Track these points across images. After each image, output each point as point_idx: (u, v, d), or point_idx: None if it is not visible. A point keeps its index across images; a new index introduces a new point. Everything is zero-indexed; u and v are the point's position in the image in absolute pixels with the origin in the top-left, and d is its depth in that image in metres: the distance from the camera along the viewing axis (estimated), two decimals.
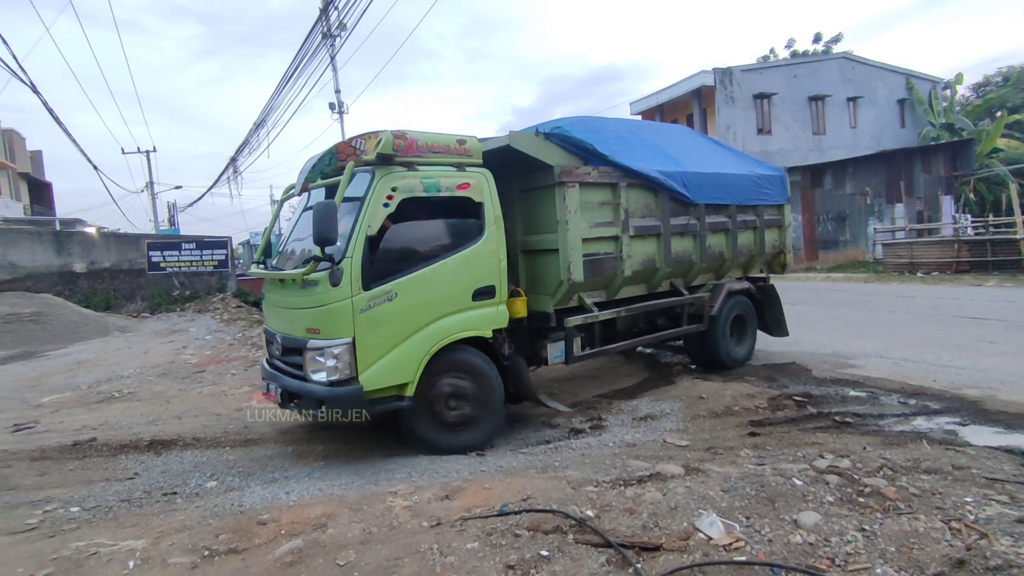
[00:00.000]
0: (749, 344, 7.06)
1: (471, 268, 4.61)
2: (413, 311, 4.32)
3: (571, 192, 5.04)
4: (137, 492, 4.15)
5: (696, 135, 8.19)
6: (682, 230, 6.04)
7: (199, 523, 3.41)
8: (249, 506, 3.64)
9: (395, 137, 4.36)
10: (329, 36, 25.95)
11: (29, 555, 3.19)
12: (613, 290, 5.66)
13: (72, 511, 3.88)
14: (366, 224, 4.18)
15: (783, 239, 7.23)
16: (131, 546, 3.18)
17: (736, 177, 6.61)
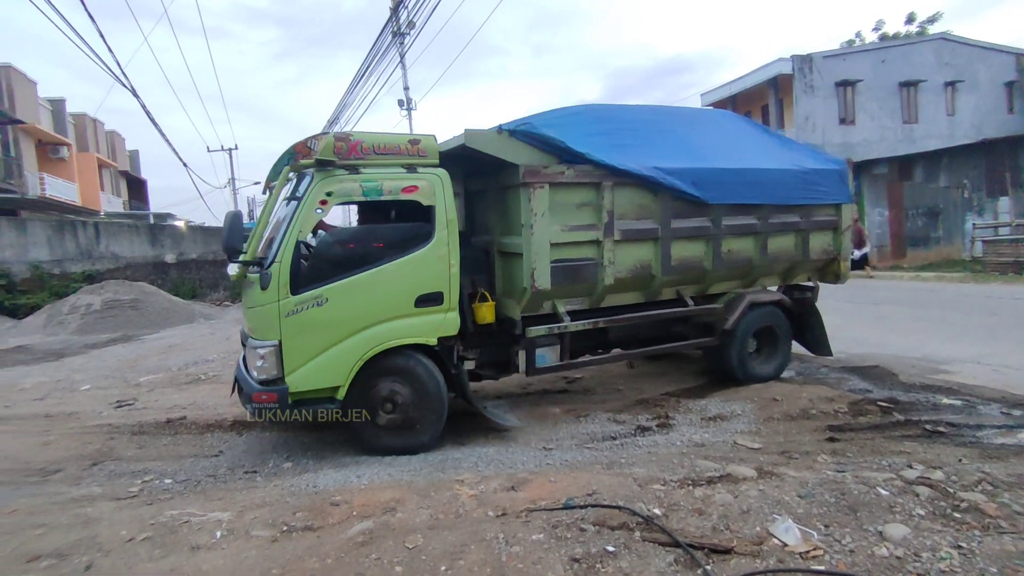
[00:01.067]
0: (779, 361, 6.15)
1: (415, 273, 4.45)
2: (345, 316, 4.26)
3: (538, 193, 4.68)
4: (222, 468, 4.42)
5: (740, 122, 6.88)
6: (691, 233, 5.36)
7: (278, 500, 3.60)
8: (323, 487, 3.80)
9: (336, 140, 4.34)
10: (399, 35, 26.60)
11: (131, 519, 3.47)
12: (596, 298, 5.18)
13: (166, 482, 4.20)
14: (297, 229, 4.16)
15: (838, 243, 6.21)
16: (218, 517, 3.40)
17: (774, 173, 5.69)
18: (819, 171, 5.99)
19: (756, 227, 5.65)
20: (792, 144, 6.81)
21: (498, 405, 5.57)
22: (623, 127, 5.45)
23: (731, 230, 5.53)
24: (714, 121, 6.80)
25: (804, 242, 5.99)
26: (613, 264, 5.04)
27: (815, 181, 5.90)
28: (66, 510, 3.70)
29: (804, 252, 6.01)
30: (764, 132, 6.84)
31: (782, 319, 6.10)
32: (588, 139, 5.05)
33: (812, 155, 6.43)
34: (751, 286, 6.01)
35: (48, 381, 7.95)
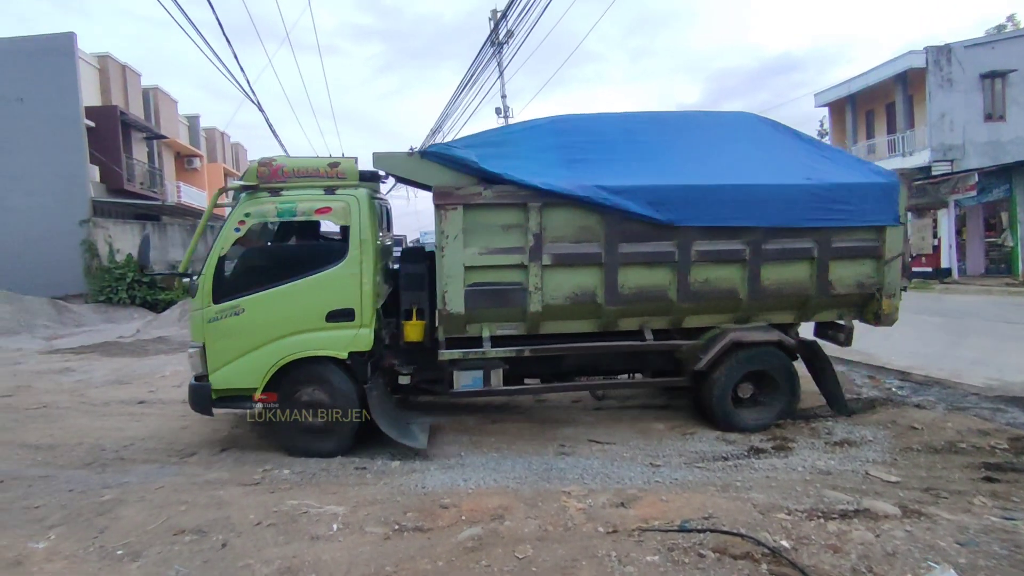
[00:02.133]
0: (772, 411, 5.13)
1: (326, 290, 4.63)
2: (259, 326, 4.61)
3: (450, 215, 4.57)
4: (335, 463, 4.61)
5: (758, 128, 5.56)
6: (647, 259, 4.78)
7: (388, 499, 3.70)
8: (431, 488, 3.86)
9: (260, 165, 4.70)
10: (497, 45, 27.09)
11: (257, 505, 3.70)
12: (530, 325, 4.85)
13: (284, 472, 4.45)
14: (220, 245, 4.64)
15: (882, 275, 5.01)
16: (334, 511, 3.54)
17: (771, 189, 4.79)
18: (846, 187, 4.88)
19: (742, 254, 4.83)
20: (832, 155, 5.53)
21: (422, 424, 5.15)
22: (586, 140, 5.10)
23: (706, 256, 4.81)
24: (719, 127, 5.56)
25: (820, 273, 4.94)
26: (541, 290, 4.70)
27: (838, 199, 4.85)
28: (203, 491, 4.02)
29: (821, 285, 4.96)
30: (791, 140, 5.48)
31: (781, 362, 5.12)
32: (536, 155, 4.85)
33: (853, 168, 5.24)
34: (746, 321, 5.12)
35: (183, 370, 8.77)
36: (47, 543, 3.37)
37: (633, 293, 4.81)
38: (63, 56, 18.12)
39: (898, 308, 5.18)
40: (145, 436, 5.50)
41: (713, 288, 4.90)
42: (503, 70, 22.68)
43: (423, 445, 4.70)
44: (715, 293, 4.91)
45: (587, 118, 5.47)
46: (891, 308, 5.10)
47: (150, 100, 23.80)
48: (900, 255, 5.03)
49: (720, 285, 4.91)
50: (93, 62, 20.41)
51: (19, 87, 17.77)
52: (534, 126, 5.24)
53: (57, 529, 3.54)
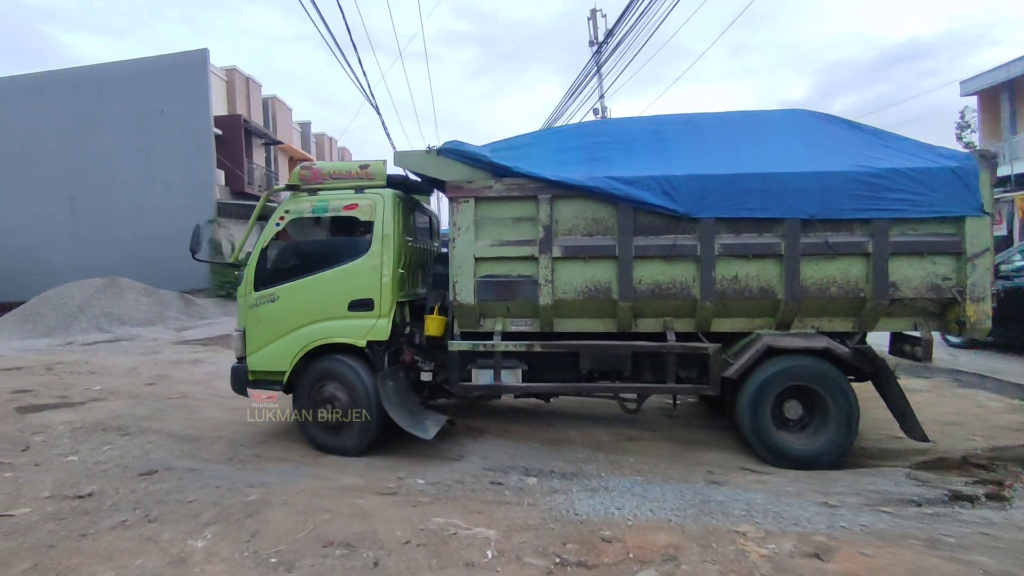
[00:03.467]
0: (826, 438, 4.43)
1: (350, 280, 4.96)
2: (290, 312, 5.03)
3: (462, 207, 4.70)
4: (468, 476, 4.43)
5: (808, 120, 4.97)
6: (664, 253, 4.47)
7: (541, 524, 3.42)
8: (585, 516, 3.54)
9: (302, 169, 5.27)
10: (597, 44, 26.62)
11: (401, 520, 3.55)
12: (544, 320, 4.72)
13: (419, 482, 4.30)
14: (262, 239, 5.17)
15: (963, 276, 4.24)
16: (485, 534, 3.31)
17: (807, 177, 4.31)
18: (901, 172, 4.25)
19: (776, 248, 4.36)
20: (897, 144, 4.64)
21: (436, 419, 5.08)
22: (611, 141, 4.97)
23: (732, 251, 4.41)
24: (762, 124, 5.00)
25: (877, 271, 4.29)
26: (551, 283, 4.60)
27: (891, 186, 4.23)
28: (343, 499, 3.94)
29: (879, 287, 4.29)
30: (846, 131, 4.78)
31: (833, 377, 4.41)
32: (558, 155, 4.84)
33: (917, 155, 4.45)
34: (788, 327, 4.51)
35: None
36: (204, 542, 3.38)
37: (650, 289, 4.54)
38: (197, 71, 19.71)
39: (989, 315, 4.30)
40: (277, 433, 5.60)
41: (743, 287, 4.44)
42: (600, 67, 22.26)
43: (429, 436, 4.77)
44: (746, 292, 4.45)
45: (616, 121, 5.46)
46: (979, 315, 4.24)
47: (269, 108, 25.45)
48: (987, 251, 4.22)
49: (752, 283, 4.43)
50: (222, 75, 22.09)
51: (161, 100, 19.53)
52: (562, 130, 5.27)
53: (212, 528, 3.57)
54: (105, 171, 19.39)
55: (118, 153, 19.48)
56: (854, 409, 4.39)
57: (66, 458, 5.11)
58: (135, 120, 19.75)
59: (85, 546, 3.41)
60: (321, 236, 5.50)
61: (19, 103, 20.48)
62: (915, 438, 4.45)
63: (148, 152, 19.19)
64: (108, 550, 3.33)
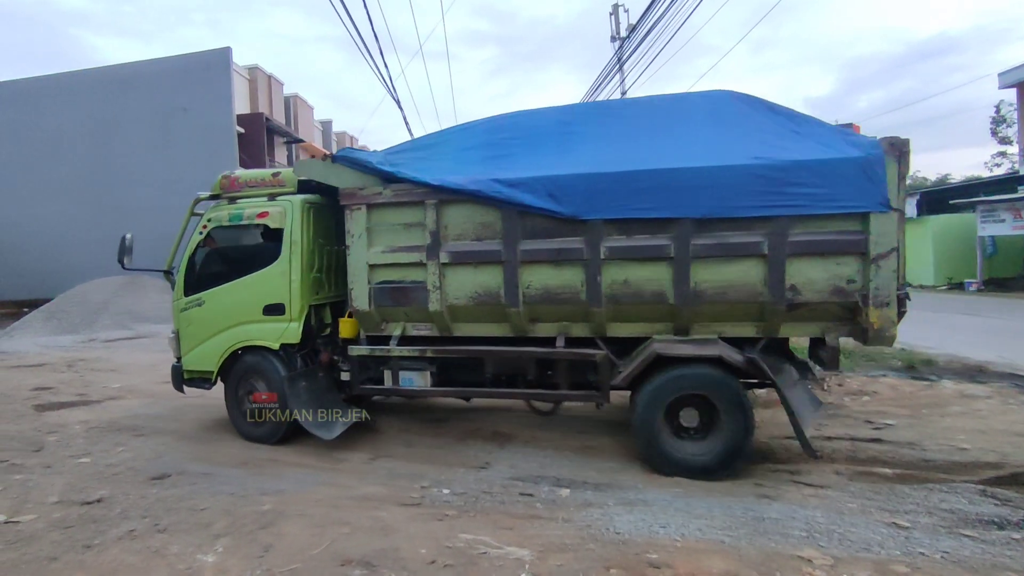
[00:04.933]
0: (719, 447, 4.12)
1: (263, 286, 5.12)
2: (215, 316, 5.29)
3: (355, 215, 4.71)
4: (495, 486, 4.12)
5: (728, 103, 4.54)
6: (552, 257, 4.27)
7: (579, 544, 3.10)
8: (625, 535, 3.21)
9: (223, 178, 5.44)
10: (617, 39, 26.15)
11: (426, 536, 3.26)
12: (441, 325, 4.71)
13: (444, 492, 4.02)
14: (189, 248, 5.44)
15: (868, 278, 3.82)
16: (516, 554, 3.01)
17: (703, 173, 3.96)
18: (804, 165, 3.83)
19: (666, 250, 4.05)
20: (812, 131, 4.17)
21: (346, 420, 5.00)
22: (515, 136, 4.76)
23: (619, 254, 4.15)
24: (680, 110, 4.66)
25: (774, 273, 3.91)
26: (440, 289, 4.56)
27: (794, 180, 3.82)
28: (363, 510, 3.67)
29: (776, 290, 3.91)
30: (762, 116, 4.36)
31: (727, 385, 4.09)
32: (460, 154, 4.73)
33: (828, 144, 3.97)
34: (686, 332, 4.23)
35: None
36: (215, 557, 3.14)
37: (540, 294, 4.38)
38: (220, 69, 19.72)
39: (895, 322, 3.87)
40: (291, 437, 5.36)
41: (636, 291, 4.19)
42: (622, 64, 21.81)
43: (329, 437, 4.84)
44: (638, 297, 4.19)
45: (526, 113, 5.10)
46: (883, 321, 3.83)
47: (291, 107, 25.46)
48: (893, 251, 3.78)
49: (644, 287, 4.17)
50: (244, 73, 22.12)
51: (184, 98, 19.58)
52: (469, 126, 5.11)
53: (223, 540, 3.32)
54: (129, 169, 19.50)
55: (141, 151, 19.57)
56: (749, 418, 4.09)
57: (78, 460, 4.94)
58: (159, 119, 19.83)
59: (89, 559, 3.19)
60: (249, 242, 5.43)
61: (47, 103, 20.71)
62: (807, 453, 4.06)
63: (171, 150, 19.24)
64: (112, 565, 3.11)
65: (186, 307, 5.45)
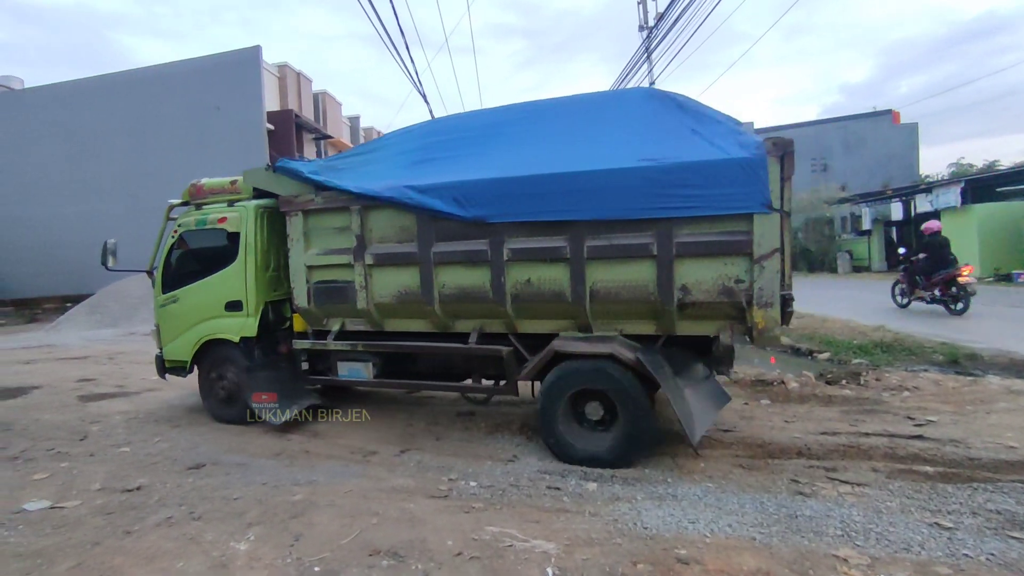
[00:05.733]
0: (614, 439, 4.24)
1: (224, 284, 5.59)
2: (187, 311, 5.82)
3: (293, 220, 5.15)
4: (523, 479, 4.11)
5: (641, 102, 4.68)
6: (462, 259, 4.53)
7: (606, 539, 3.07)
8: (655, 530, 3.17)
9: (191, 186, 5.96)
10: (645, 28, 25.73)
11: (452, 527, 3.27)
12: (372, 322, 5.10)
13: (471, 485, 4.02)
14: (164, 250, 5.96)
15: (752, 278, 3.82)
16: (543, 548, 2.99)
17: (595, 176, 4.06)
18: (690, 166, 3.85)
19: (562, 252, 4.21)
20: (711, 131, 4.16)
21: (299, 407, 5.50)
22: (448, 139, 5.06)
23: (521, 255, 4.35)
24: (597, 110, 4.78)
25: (665, 274, 3.99)
26: (367, 288, 4.93)
27: (680, 182, 3.87)
28: (392, 501, 3.70)
29: (665, 290, 4.00)
30: (669, 115, 4.40)
31: (619, 381, 4.18)
32: (395, 158, 5.08)
33: (720, 145, 3.96)
34: (588, 330, 4.39)
35: None
36: (247, 545, 3.20)
37: (454, 293, 4.66)
38: (250, 67, 20.06)
39: (778, 322, 3.87)
40: (324, 431, 5.45)
41: (537, 290, 4.38)
42: (650, 53, 21.44)
43: (276, 422, 5.31)
44: (540, 296, 4.38)
45: (464, 115, 5.52)
46: (767, 321, 3.84)
47: (319, 104, 25.77)
48: (776, 251, 3.76)
49: (545, 287, 4.35)
50: (274, 71, 22.46)
51: (216, 97, 20.00)
52: (408, 130, 5.47)
53: (255, 529, 3.39)
54: (165, 167, 19.99)
55: (177, 149, 20.07)
56: (641, 412, 4.18)
57: (119, 449, 5.10)
58: (192, 117, 20.30)
59: (128, 544, 3.28)
60: (214, 244, 5.81)
61: (85, 104, 21.38)
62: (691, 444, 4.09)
63: (205, 148, 19.68)
64: (151, 550, 3.19)
65: (164, 303, 6.00)
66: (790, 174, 3.83)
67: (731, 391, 6.28)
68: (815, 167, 33.23)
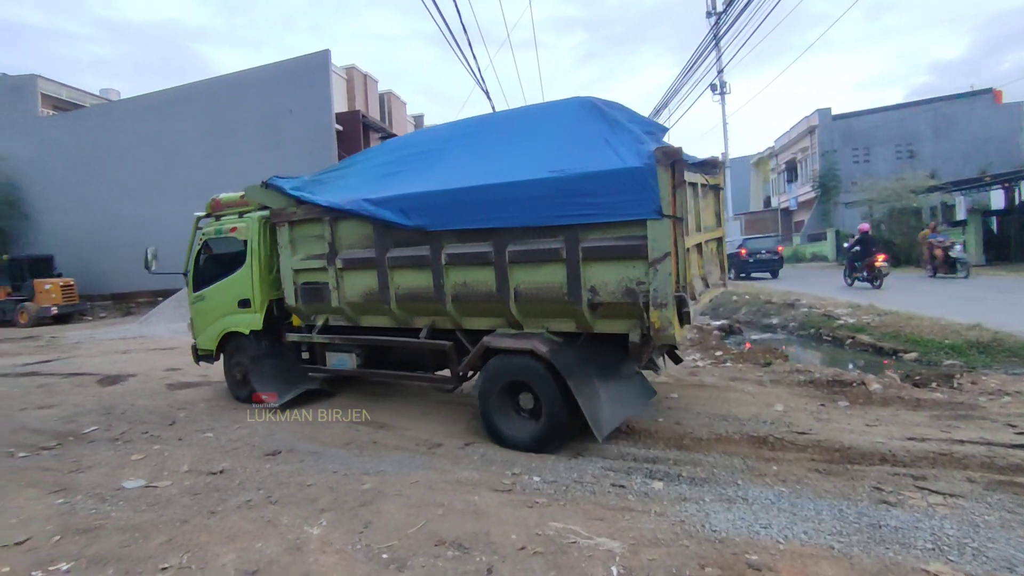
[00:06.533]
0: (543, 427, 4.58)
1: (237, 286, 6.44)
2: (211, 308, 6.75)
3: (281, 230, 5.91)
4: (587, 476, 4.07)
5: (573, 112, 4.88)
6: (410, 263, 5.07)
7: (673, 540, 2.99)
8: (724, 533, 3.06)
9: (212, 200, 6.89)
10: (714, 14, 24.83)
11: (516, 522, 3.29)
12: (347, 317, 5.78)
13: (535, 480, 4.02)
14: (192, 255, 6.90)
15: (651, 280, 4.03)
16: (607, 546, 2.95)
17: (517, 187, 4.43)
18: (590, 176, 4.14)
19: (488, 256, 4.63)
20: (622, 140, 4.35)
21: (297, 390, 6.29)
22: (409, 154, 5.65)
23: (457, 260, 4.82)
24: (534, 122, 5.15)
25: (573, 276, 4.31)
26: (339, 289, 5.59)
27: (582, 191, 4.15)
28: (457, 493, 3.76)
29: (574, 291, 4.33)
30: (591, 124, 4.63)
31: (539, 373, 4.51)
32: (367, 172, 5.75)
33: (623, 154, 4.17)
34: (518, 327, 4.78)
35: None
36: (320, 530, 3.34)
37: (407, 293, 5.19)
38: (320, 71, 20.84)
39: (671, 322, 4.01)
40: (391, 422, 5.59)
41: (471, 291, 4.84)
42: (719, 40, 20.66)
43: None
44: (474, 296, 4.84)
45: (424, 131, 6.61)
46: (662, 322, 4.05)
47: (385, 103, 26.47)
48: (667, 255, 3.96)
49: (477, 288, 4.80)
50: (342, 73, 23.24)
51: (288, 101, 20.91)
52: (385, 145, 6.34)
53: (327, 515, 3.53)
54: (242, 170, 20.99)
55: (253, 153, 21.14)
56: (557, 403, 4.44)
57: (203, 434, 5.44)
58: (266, 120, 21.33)
59: (213, 524, 3.50)
60: (230, 251, 6.64)
61: (169, 112, 22.90)
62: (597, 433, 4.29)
63: (278, 150, 20.64)
64: (233, 530, 3.38)
65: (195, 301, 6.95)
66: (681, 181, 3.99)
67: (804, 391, 5.99)
68: (900, 154, 31.01)
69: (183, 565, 3.02)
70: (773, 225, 37.45)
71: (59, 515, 3.73)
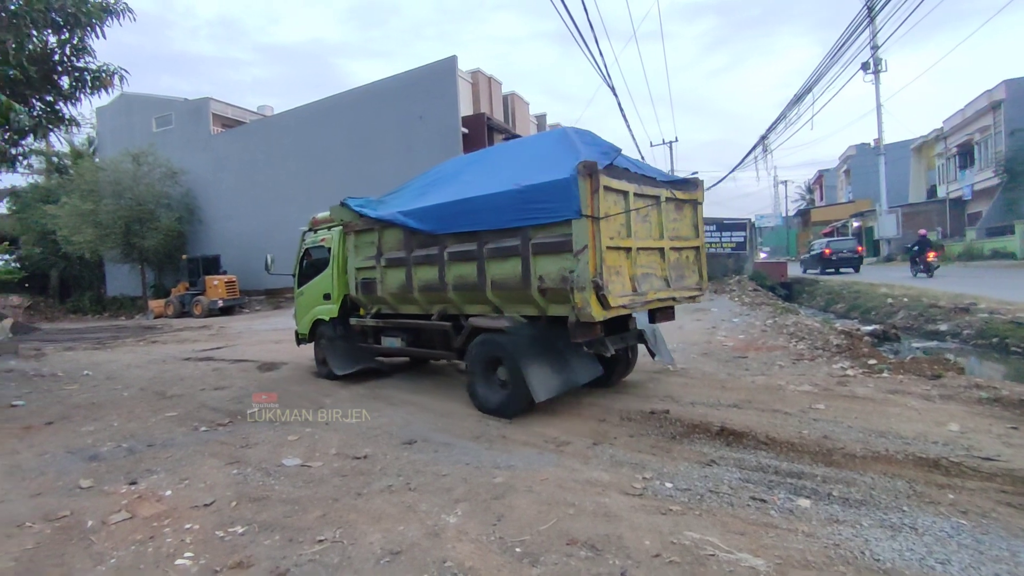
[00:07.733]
0: (510, 395, 5.58)
1: (323, 283, 8.31)
2: (307, 301, 8.67)
3: (349, 238, 7.61)
4: (723, 486, 3.85)
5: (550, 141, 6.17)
6: (426, 260, 6.34)
7: (825, 564, 2.74)
8: (889, 564, 2.75)
9: (312, 219, 8.72)
10: None
11: (649, 528, 3.20)
12: (391, 306, 7.21)
13: (667, 486, 3.88)
14: (297, 259, 8.96)
15: (576, 269, 4.95)
16: (750, 562, 2.77)
17: (490, 198, 5.60)
18: (537, 187, 5.18)
19: (474, 253, 5.80)
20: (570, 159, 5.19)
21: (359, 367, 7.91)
22: (438, 179, 6.99)
23: (454, 257, 6.01)
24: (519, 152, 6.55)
25: (526, 268, 5.38)
26: (383, 282, 7.03)
27: (532, 199, 5.21)
28: (586, 494, 3.74)
29: (526, 280, 5.40)
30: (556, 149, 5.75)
31: (508, 349, 5.52)
32: (413, 192, 7.08)
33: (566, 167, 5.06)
34: (500, 311, 5.86)
35: None
36: (455, 519, 3.47)
37: (425, 285, 6.44)
38: (447, 77, 21.80)
39: (589, 302, 4.90)
40: (519, 418, 5.68)
41: (464, 282, 5.97)
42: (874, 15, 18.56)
43: (340, 373, 7.78)
44: (467, 286, 5.95)
45: (452, 161, 7.78)
46: (583, 302, 4.96)
47: (508, 104, 27.07)
48: (586, 247, 4.87)
49: (467, 280, 5.93)
50: (467, 78, 24.11)
51: (419, 107, 22.09)
52: (428, 172, 7.46)
53: (461, 505, 3.66)
54: (379, 175, 22.66)
55: (389, 158, 22.64)
56: (520, 377, 5.35)
57: (347, 421, 5.90)
58: (400, 127, 22.73)
59: (360, 504, 3.78)
60: (321, 256, 8.41)
61: (316, 124, 25.19)
62: None
63: (411, 155, 21.91)
64: (377, 512, 3.63)
65: (297, 296, 8.96)
66: (597, 187, 4.87)
67: (987, 410, 5.22)
68: None
69: (336, 539, 3.30)
70: (938, 218, 32.81)
71: (235, 484, 4.24)
